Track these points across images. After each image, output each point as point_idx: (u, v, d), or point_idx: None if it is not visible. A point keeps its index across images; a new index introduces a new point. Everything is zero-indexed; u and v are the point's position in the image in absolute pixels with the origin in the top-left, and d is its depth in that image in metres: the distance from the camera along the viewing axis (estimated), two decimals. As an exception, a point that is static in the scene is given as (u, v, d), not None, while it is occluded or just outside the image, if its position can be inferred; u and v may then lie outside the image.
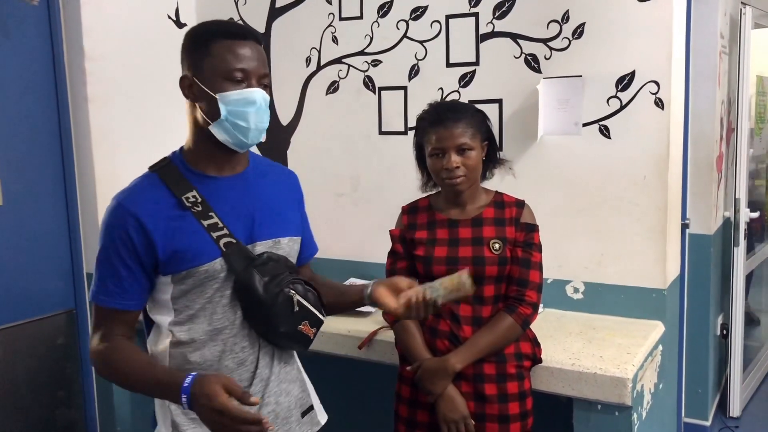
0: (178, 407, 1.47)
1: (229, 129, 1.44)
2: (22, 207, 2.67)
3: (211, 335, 1.49)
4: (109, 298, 1.45)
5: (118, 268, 1.43)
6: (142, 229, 1.42)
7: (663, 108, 2.31)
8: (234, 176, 1.53)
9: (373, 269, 2.80)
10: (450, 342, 1.87)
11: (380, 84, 2.82)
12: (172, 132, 3.04)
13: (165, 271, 1.45)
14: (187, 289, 1.46)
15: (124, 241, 1.42)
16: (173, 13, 3.09)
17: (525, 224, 1.90)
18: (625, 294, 2.42)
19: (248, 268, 1.47)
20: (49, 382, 2.79)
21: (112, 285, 1.44)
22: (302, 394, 1.65)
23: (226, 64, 1.41)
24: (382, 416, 2.16)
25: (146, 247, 1.42)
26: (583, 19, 2.40)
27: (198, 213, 1.45)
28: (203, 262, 1.44)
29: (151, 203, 1.44)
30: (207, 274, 1.45)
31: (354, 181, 2.93)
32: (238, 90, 1.42)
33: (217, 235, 1.45)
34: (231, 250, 1.46)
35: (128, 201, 1.45)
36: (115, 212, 1.44)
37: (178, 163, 1.52)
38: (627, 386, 1.93)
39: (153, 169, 1.51)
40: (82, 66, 2.73)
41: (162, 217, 1.43)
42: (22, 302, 2.68)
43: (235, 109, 1.42)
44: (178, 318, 1.49)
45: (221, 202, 1.49)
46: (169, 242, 1.43)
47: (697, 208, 3.28)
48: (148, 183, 1.49)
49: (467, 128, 1.84)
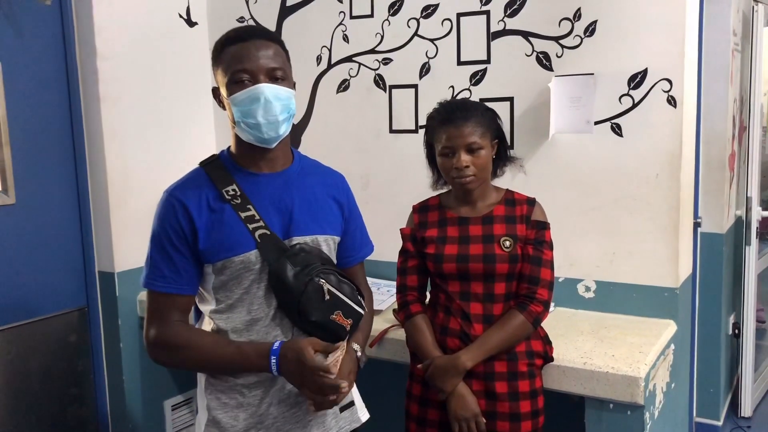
0: (213, 393, 1.57)
1: (245, 129, 1.51)
2: (34, 205, 2.69)
3: (248, 325, 1.55)
4: (166, 284, 1.52)
5: (171, 255, 1.51)
6: (189, 217, 1.50)
7: (675, 106, 2.30)
8: (275, 173, 1.59)
9: (384, 268, 2.80)
10: (461, 340, 1.87)
11: (391, 82, 2.82)
12: (183, 130, 3.06)
13: (206, 260, 1.52)
14: (226, 279, 1.53)
15: (175, 229, 1.50)
16: (184, 12, 3.10)
17: (536, 222, 1.90)
18: (637, 293, 2.41)
19: (280, 258, 1.52)
20: (61, 379, 2.81)
21: (168, 271, 1.51)
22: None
23: (230, 68, 1.49)
24: (393, 414, 2.16)
25: (192, 234, 1.50)
26: (594, 16, 2.39)
27: (236, 205, 1.52)
28: (239, 252, 1.51)
29: (197, 194, 1.52)
30: (243, 265, 1.52)
31: (365, 179, 2.93)
32: (243, 90, 1.48)
33: (253, 227, 1.52)
34: (265, 242, 1.52)
35: (177, 191, 1.54)
36: (166, 202, 1.53)
37: (224, 159, 1.59)
38: (639, 385, 1.92)
39: (201, 164, 1.60)
40: (94, 65, 2.75)
41: (205, 207, 1.51)
42: (34, 300, 2.70)
43: (244, 109, 1.49)
44: (218, 307, 1.56)
45: (260, 196, 1.55)
46: (210, 232, 1.50)
47: (709, 206, 3.27)
48: (195, 176, 1.58)
49: (477, 127, 1.84)
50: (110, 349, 2.91)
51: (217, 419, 1.57)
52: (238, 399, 1.56)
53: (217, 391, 1.57)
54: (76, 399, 2.87)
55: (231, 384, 1.56)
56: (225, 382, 1.57)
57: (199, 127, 3.14)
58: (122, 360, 2.88)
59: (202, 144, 3.12)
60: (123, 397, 2.90)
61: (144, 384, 2.96)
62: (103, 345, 2.92)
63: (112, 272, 2.84)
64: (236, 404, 1.56)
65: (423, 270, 1.97)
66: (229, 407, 1.56)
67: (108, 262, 2.85)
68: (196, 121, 3.14)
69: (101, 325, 2.90)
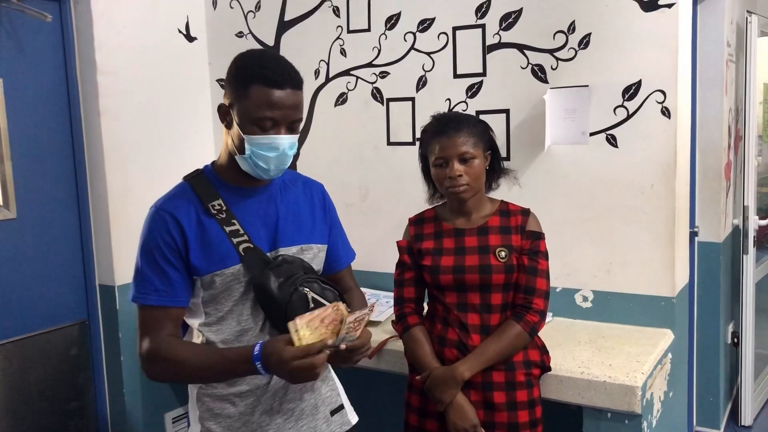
0: (204, 405, 1.58)
1: (251, 165, 1.52)
2: (35, 220, 2.70)
3: (237, 336, 1.57)
4: (160, 297, 1.52)
5: (164, 268, 1.51)
6: (180, 229, 1.51)
7: (669, 117, 2.32)
8: (260, 187, 1.61)
9: (381, 279, 2.81)
10: (458, 351, 1.88)
11: (388, 95, 2.85)
12: (182, 144, 3.08)
13: (195, 273, 1.53)
14: (215, 293, 1.54)
15: (167, 242, 1.51)
16: (184, 27, 3.13)
17: (531, 232, 1.92)
18: (633, 302, 2.43)
19: (264, 270, 1.54)
20: (62, 392, 2.81)
21: (161, 284, 1.51)
22: (331, 393, 1.72)
23: (258, 111, 1.47)
24: (392, 425, 2.17)
25: (185, 247, 1.51)
26: (589, 29, 2.41)
27: (222, 220, 1.54)
28: (226, 266, 1.53)
29: (185, 208, 1.54)
30: (231, 278, 1.53)
31: (363, 191, 2.95)
32: (265, 136, 1.48)
33: (238, 240, 1.54)
34: (249, 255, 1.54)
35: (166, 205, 1.55)
36: (156, 216, 1.54)
37: (208, 174, 1.61)
38: (636, 394, 1.93)
39: (186, 179, 1.61)
40: (94, 80, 2.77)
41: (194, 221, 1.53)
42: (35, 313, 2.71)
43: (259, 152, 1.49)
44: (207, 320, 1.57)
45: (245, 210, 1.57)
46: (198, 246, 1.52)
47: (706, 215, 3.29)
48: (180, 190, 1.59)
49: (469, 137, 1.86)
50: (111, 362, 2.92)
51: (211, 430, 1.58)
52: (229, 409, 1.58)
53: (209, 402, 1.59)
54: (77, 412, 2.87)
55: (222, 394, 1.58)
56: (216, 392, 1.58)
57: (198, 140, 3.16)
58: (123, 373, 2.89)
59: (202, 157, 3.13)
60: (124, 409, 2.91)
61: (145, 397, 2.96)
62: (104, 358, 2.93)
63: (112, 285, 2.86)
64: (228, 414, 1.58)
65: (420, 282, 1.98)
66: (221, 417, 1.58)
67: (108, 276, 2.86)
68: (196, 134, 3.16)
69: (102, 338, 2.91)
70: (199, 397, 1.61)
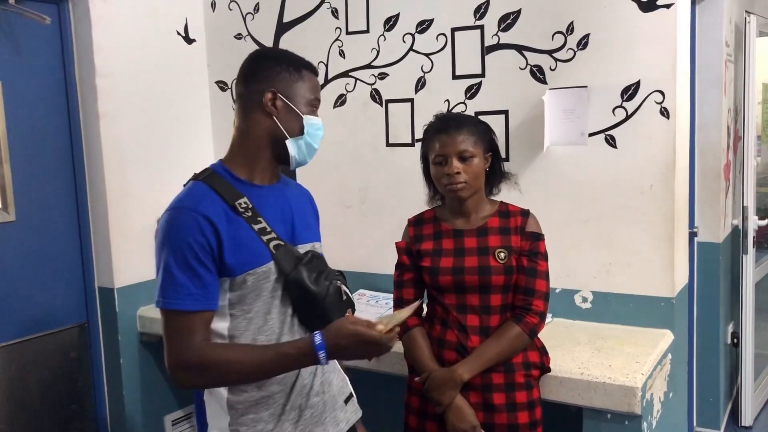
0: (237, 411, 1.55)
1: (302, 146, 1.59)
2: (34, 222, 2.71)
3: (265, 334, 1.55)
4: (195, 301, 1.45)
5: (197, 270, 1.45)
6: (214, 230, 1.46)
7: (668, 117, 2.32)
8: (273, 186, 1.64)
9: (381, 280, 2.81)
10: (458, 352, 1.88)
11: (387, 97, 2.85)
12: (182, 146, 3.09)
13: (228, 274, 1.49)
14: (245, 293, 1.52)
15: (201, 243, 1.45)
16: (182, 29, 3.13)
17: (530, 233, 1.92)
18: (633, 303, 2.43)
19: (297, 266, 1.55)
20: (61, 395, 2.81)
21: (195, 288, 1.45)
22: (342, 383, 1.75)
23: (314, 92, 1.62)
24: (391, 427, 2.17)
25: (219, 247, 1.47)
26: (587, 30, 2.41)
27: (249, 218, 1.53)
28: (258, 264, 1.51)
29: (214, 207, 1.49)
30: (262, 277, 1.52)
31: (362, 193, 2.95)
32: (318, 117, 1.62)
33: (267, 238, 1.54)
34: (280, 252, 1.54)
35: (196, 204, 1.47)
36: (186, 216, 1.46)
37: (223, 172, 1.57)
38: (636, 395, 1.93)
39: (200, 179, 1.55)
40: (93, 83, 2.78)
41: (224, 220, 1.48)
42: (34, 316, 2.71)
43: (314, 132, 1.61)
44: (233, 322, 1.53)
45: (267, 207, 1.58)
46: (231, 245, 1.48)
47: (705, 216, 3.29)
48: (201, 190, 1.51)
49: (469, 136, 1.86)
50: (110, 365, 2.92)
51: None
52: (262, 413, 1.55)
53: (242, 408, 1.55)
54: (77, 415, 2.87)
55: (255, 398, 1.55)
56: (248, 396, 1.55)
57: (197, 142, 3.16)
58: (122, 375, 2.89)
59: (201, 159, 3.14)
60: (123, 412, 2.91)
61: (144, 399, 2.96)
62: (104, 360, 2.93)
63: (111, 288, 2.86)
64: (261, 418, 1.55)
65: (419, 283, 1.98)
66: (254, 422, 1.54)
67: (108, 278, 2.86)
68: (195, 136, 3.16)
69: (101, 340, 2.91)
70: (231, 405, 1.56)
